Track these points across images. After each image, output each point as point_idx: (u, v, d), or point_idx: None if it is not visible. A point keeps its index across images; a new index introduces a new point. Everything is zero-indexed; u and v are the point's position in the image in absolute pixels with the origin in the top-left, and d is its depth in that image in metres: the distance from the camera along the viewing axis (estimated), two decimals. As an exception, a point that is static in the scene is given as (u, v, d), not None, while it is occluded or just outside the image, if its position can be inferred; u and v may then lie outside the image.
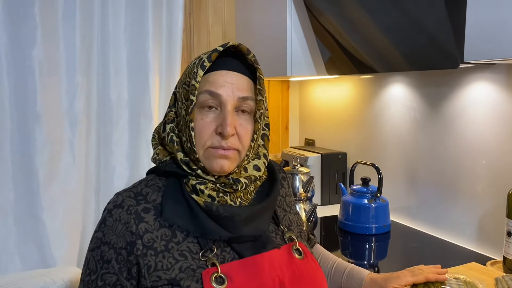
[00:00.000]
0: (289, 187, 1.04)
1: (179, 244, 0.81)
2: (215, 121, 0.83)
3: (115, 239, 0.81)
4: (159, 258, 0.80)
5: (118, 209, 0.82)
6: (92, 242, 0.84)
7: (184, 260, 0.80)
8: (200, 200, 0.82)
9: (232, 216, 0.81)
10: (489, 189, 1.40)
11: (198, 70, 0.82)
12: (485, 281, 1.04)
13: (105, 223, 0.83)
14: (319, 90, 2.24)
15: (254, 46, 1.99)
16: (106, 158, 1.75)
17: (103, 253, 0.81)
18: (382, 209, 1.58)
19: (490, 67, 1.36)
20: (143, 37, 1.75)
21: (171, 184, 0.86)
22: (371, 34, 1.41)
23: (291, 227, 0.95)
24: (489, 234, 1.40)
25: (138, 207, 0.83)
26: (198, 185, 0.83)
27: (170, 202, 0.83)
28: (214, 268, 0.79)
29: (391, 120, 1.78)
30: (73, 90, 1.62)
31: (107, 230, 0.82)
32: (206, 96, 0.83)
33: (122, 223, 0.81)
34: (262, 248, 0.83)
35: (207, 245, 0.81)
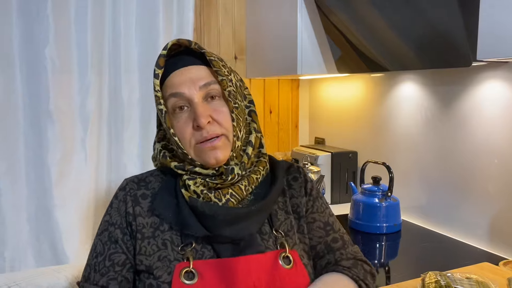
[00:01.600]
0: (302, 188, 0.96)
1: (164, 232, 0.84)
2: (190, 118, 0.85)
3: (120, 219, 0.86)
4: (144, 243, 0.84)
5: (122, 192, 0.89)
6: (100, 227, 0.89)
7: (164, 249, 0.83)
8: (187, 195, 0.85)
9: (215, 216, 0.81)
10: (501, 188, 1.39)
11: (154, 81, 0.85)
12: (497, 281, 1.04)
13: (112, 205, 0.89)
14: (329, 88, 2.23)
15: (264, 44, 1.99)
16: (117, 156, 1.77)
17: (110, 234, 0.86)
18: (393, 208, 1.57)
19: (503, 65, 1.35)
20: (154, 36, 1.76)
21: (171, 177, 0.90)
22: (383, 32, 1.41)
23: (289, 233, 0.89)
24: (501, 233, 1.39)
25: (138, 191, 0.88)
26: (187, 181, 0.85)
27: (163, 193, 0.87)
28: (187, 263, 0.80)
29: (402, 118, 1.76)
30: (85, 89, 1.63)
31: (113, 212, 0.88)
32: (173, 99, 0.85)
33: (123, 203, 0.87)
34: (241, 251, 0.82)
35: (188, 239, 0.83)
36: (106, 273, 0.84)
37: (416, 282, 1.11)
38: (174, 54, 0.88)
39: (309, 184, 0.97)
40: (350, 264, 0.90)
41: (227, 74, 0.88)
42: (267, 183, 0.91)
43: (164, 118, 0.85)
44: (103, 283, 0.84)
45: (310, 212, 0.95)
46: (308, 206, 0.95)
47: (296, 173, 0.98)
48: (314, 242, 0.93)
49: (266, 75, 2.02)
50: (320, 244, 0.93)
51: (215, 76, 0.87)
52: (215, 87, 0.86)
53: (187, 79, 0.85)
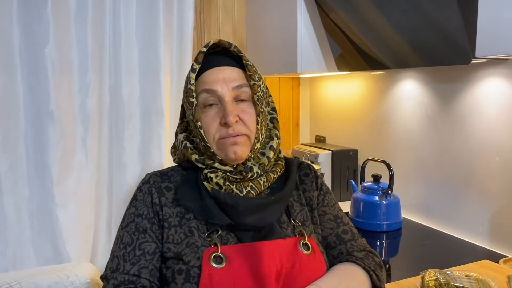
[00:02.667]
0: (313, 183, 1.02)
1: (190, 221, 0.89)
2: (218, 115, 0.91)
3: (147, 210, 0.91)
4: (171, 232, 0.88)
5: (146, 185, 0.94)
6: (124, 220, 0.93)
7: (191, 236, 0.87)
8: (209, 187, 0.90)
9: (237, 206, 0.87)
10: (502, 185, 1.39)
11: (190, 74, 0.91)
12: (497, 279, 1.04)
13: (136, 198, 0.94)
14: (330, 87, 2.23)
15: (264, 43, 1.99)
16: (118, 155, 1.77)
17: (137, 225, 0.90)
18: (393, 206, 1.57)
19: (503, 62, 1.35)
20: (154, 35, 1.76)
21: (191, 172, 0.96)
22: (383, 30, 1.40)
23: (306, 222, 0.96)
24: (502, 231, 1.39)
25: (162, 184, 0.94)
26: (209, 174, 0.91)
27: (186, 185, 0.93)
28: (215, 248, 0.85)
29: (403, 116, 1.76)
30: (86, 88, 1.63)
31: (139, 204, 0.92)
32: (205, 95, 0.91)
33: (149, 195, 0.92)
34: (263, 238, 0.88)
35: (214, 227, 0.88)
36: (137, 262, 0.87)
37: (416, 280, 1.11)
38: (212, 52, 0.94)
39: (319, 180, 1.05)
40: (362, 255, 0.95)
41: (257, 79, 0.94)
42: (282, 178, 0.98)
43: (194, 110, 0.91)
44: (135, 271, 0.86)
45: (321, 205, 1.02)
46: (319, 200, 1.02)
47: (307, 170, 1.05)
48: (326, 233, 0.99)
49: (267, 73, 2.02)
50: (331, 235, 0.99)
51: (248, 79, 0.94)
52: (246, 90, 0.93)
53: (221, 78, 0.91)
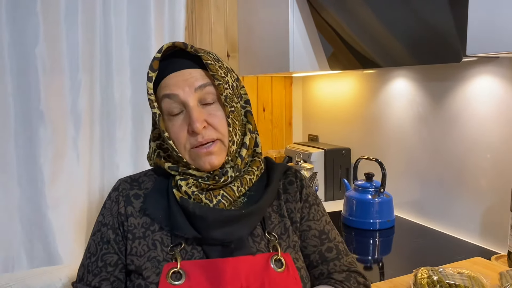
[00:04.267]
0: (297, 193, 0.94)
1: (154, 233, 0.85)
2: (185, 122, 0.84)
3: (112, 219, 0.87)
4: (135, 244, 0.84)
5: (115, 192, 0.90)
6: (94, 228, 0.90)
7: (153, 250, 0.83)
8: (178, 195, 0.84)
9: (205, 217, 0.80)
10: (493, 183, 1.40)
11: (147, 83, 0.84)
12: (489, 276, 1.04)
13: (105, 206, 0.90)
14: (322, 85, 2.24)
15: (257, 42, 1.99)
16: (110, 156, 1.76)
17: (103, 234, 0.87)
18: (386, 204, 1.58)
19: (494, 60, 1.36)
20: (145, 35, 1.75)
21: (164, 178, 0.90)
22: (374, 29, 1.41)
23: (283, 236, 0.88)
24: (493, 228, 1.40)
25: (130, 191, 0.89)
26: (180, 181, 0.85)
27: (155, 193, 0.88)
28: (175, 263, 0.80)
29: (395, 115, 1.77)
30: (76, 88, 1.62)
31: (106, 212, 0.89)
32: (167, 101, 0.84)
33: (116, 203, 0.88)
34: (230, 253, 0.81)
35: (178, 240, 0.83)
36: (99, 273, 0.85)
37: (409, 277, 1.11)
38: (168, 55, 0.86)
39: (305, 190, 0.95)
40: (342, 278, 0.89)
41: (223, 76, 0.86)
42: (262, 185, 0.90)
43: (158, 121, 0.85)
44: (96, 283, 0.85)
45: (306, 219, 0.93)
46: (304, 213, 0.93)
47: (292, 177, 0.96)
48: (309, 251, 0.92)
49: (259, 72, 2.02)
50: (314, 253, 0.92)
51: (212, 79, 0.85)
52: (210, 89, 0.85)
53: (182, 81, 0.83)
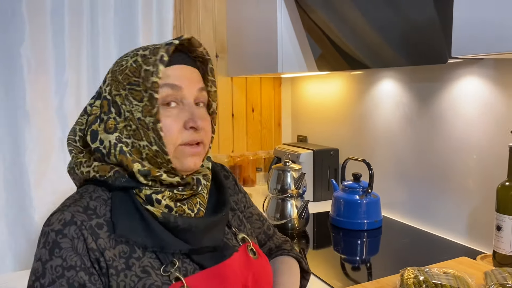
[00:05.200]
0: (235, 185, 0.99)
1: (140, 259, 0.75)
2: (181, 116, 0.79)
3: (80, 259, 0.72)
4: (121, 278, 0.73)
5: (71, 227, 0.72)
6: (45, 276, 0.71)
7: (147, 277, 0.74)
8: (157, 211, 0.76)
9: (190, 228, 0.77)
10: (479, 183, 1.41)
11: (159, 65, 0.76)
12: (474, 275, 1.05)
13: (59, 246, 0.71)
14: (311, 86, 2.24)
15: (245, 43, 1.98)
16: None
17: (70, 279, 0.71)
18: (373, 204, 1.58)
19: (478, 62, 1.37)
20: (133, 34, 1.74)
21: (119, 196, 0.78)
22: (362, 30, 1.41)
23: (241, 227, 0.93)
24: (479, 228, 1.41)
25: (91, 222, 0.74)
26: (154, 195, 0.76)
27: (121, 216, 0.76)
28: (180, 283, 0.74)
29: (382, 115, 1.78)
30: (63, 88, 1.61)
31: (66, 253, 0.71)
32: (168, 91, 0.78)
33: (81, 240, 0.72)
34: (222, 257, 0.80)
35: (167, 259, 0.76)
36: None
37: (396, 277, 1.12)
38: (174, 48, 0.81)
39: (237, 181, 1.03)
40: (288, 247, 1.03)
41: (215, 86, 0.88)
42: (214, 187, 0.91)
43: (157, 109, 0.76)
44: None
45: (247, 207, 1.01)
46: (244, 202, 1.00)
47: (225, 172, 1.00)
48: (256, 233, 1.01)
49: (248, 73, 2.02)
50: (260, 234, 1.03)
51: (208, 85, 0.85)
52: (205, 94, 0.84)
53: (187, 76, 0.81)
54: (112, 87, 0.80)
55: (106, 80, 0.82)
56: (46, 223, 0.74)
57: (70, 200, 0.77)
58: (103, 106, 0.80)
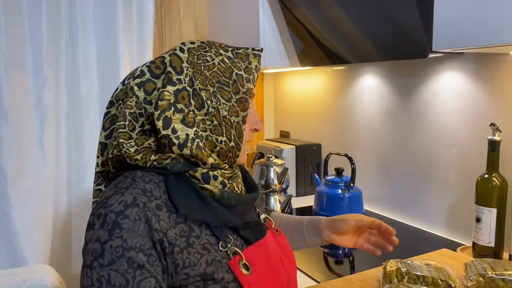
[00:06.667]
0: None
1: (199, 238, 0.79)
2: (249, 118, 0.87)
3: (141, 240, 0.74)
4: (185, 255, 0.77)
5: (134, 208, 0.75)
6: (104, 256, 0.73)
7: (208, 253, 0.78)
8: (215, 188, 0.81)
9: (240, 203, 0.85)
10: (459, 176, 1.43)
11: (255, 74, 0.85)
12: (455, 266, 1.07)
13: (121, 227, 0.74)
14: (293, 82, 2.24)
15: (227, 38, 1.97)
16: (78, 153, 1.72)
17: (130, 260, 0.73)
18: (355, 198, 1.59)
19: (459, 56, 1.39)
20: (112, 29, 1.72)
21: (171, 179, 0.81)
22: (344, 25, 1.42)
23: (260, 208, 1.00)
24: (459, 220, 1.43)
25: (151, 204, 0.76)
26: (211, 172, 0.82)
27: (179, 197, 0.79)
28: (238, 256, 0.80)
29: (364, 110, 1.79)
30: (41, 85, 1.57)
31: (128, 234, 0.74)
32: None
33: (144, 221, 0.74)
34: (262, 233, 0.88)
35: (223, 235, 0.81)
36: None
37: (379, 270, 1.13)
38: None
39: None
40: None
41: None
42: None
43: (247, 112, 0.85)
44: None
45: None
46: None
47: None
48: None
49: (229, 68, 2.00)
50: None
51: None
52: None
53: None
54: (195, 80, 0.82)
55: (182, 70, 0.82)
56: (102, 206, 0.76)
57: (123, 183, 0.78)
58: (183, 97, 0.81)
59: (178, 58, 0.83)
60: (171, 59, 0.83)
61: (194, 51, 0.84)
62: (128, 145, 0.81)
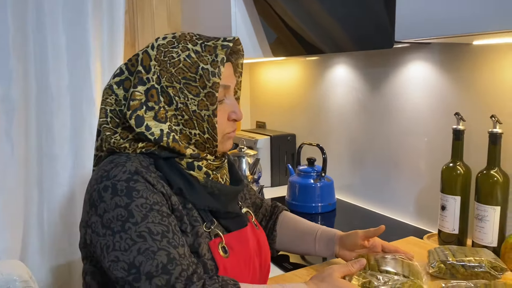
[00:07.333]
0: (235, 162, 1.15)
1: (192, 210, 0.85)
2: (226, 110, 0.90)
3: (159, 197, 0.80)
4: (184, 220, 0.83)
5: (138, 175, 0.80)
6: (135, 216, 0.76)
7: (199, 226, 0.84)
8: (199, 176, 0.86)
9: (222, 193, 0.89)
10: (427, 165, 1.45)
11: (220, 67, 0.84)
12: (420, 253, 1.09)
13: (136, 189, 0.78)
14: (269, 72, 2.24)
15: (199, 27, 1.95)
16: (48, 146, 1.69)
17: (159, 211, 0.79)
18: (327, 188, 1.61)
19: (426, 47, 1.40)
20: (82, 19, 1.68)
21: (162, 162, 0.85)
22: (316, 15, 1.42)
23: (243, 202, 1.04)
24: (427, 209, 1.46)
25: (151, 174, 0.82)
26: (196, 162, 0.86)
27: (171, 175, 0.85)
28: (219, 239, 0.86)
29: (336, 101, 1.80)
30: (8, 77, 1.53)
31: (146, 193, 0.79)
32: (221, 91, 0.88)
33: (149, 183, 0.80)
34: (243, 223, 0.93)
35: (208, 218, 0.87)
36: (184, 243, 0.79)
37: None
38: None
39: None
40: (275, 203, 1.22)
41: None
42: None
43: (216, 106, 0.85)
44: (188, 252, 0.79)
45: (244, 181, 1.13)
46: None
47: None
48: (254, 198, 1.16)
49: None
50: (256, 198, 1.18)
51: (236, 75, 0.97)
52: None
53: (232, 74, 0.92)
54: (162, 77, 0.85)
55: (150, 68, 0.85)
56: (105, 179, 0.79)
57: (119, 159, 0.83)
58: (152, 95, 0.85)
59: (148, 56, 0.86)
60: (142, 57, 0.86)
61: (162, 48, 0.86)
62: (114, 138, 0.87)
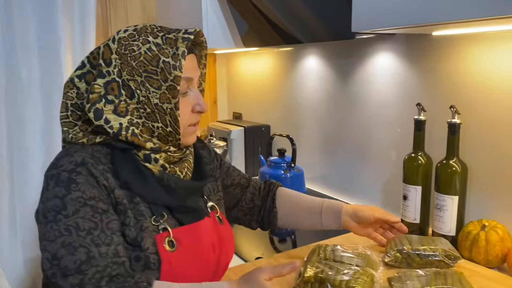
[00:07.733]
0: (210, 152, 1.10)
1: (139, 204, 0.85)
2: (189, 102, 0.89)
3: (97, 192, 0.80)
4: (128, 214, 0.83)
5: (83, 167, 0.81)
6: (67, 208, 0.77)
7: (144, 220, 0.84)
8: (155, 169, 0.86)
9: (179, 187, 0.88)
10: (393, 155, 1.47)
11: (181, 61, 0.83)
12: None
13: (76, 181, 0.79)
14: (245, 63, 2.24)
15: (172, 19, 1.94)
16: (19, 139, 1.68)
17: (93, 207, 0.79)
18: (297, 178, 1.62)
19: (391, 37, 1.41)
20: (52, 9, 1.66)
21: (118, 153, 0.86)
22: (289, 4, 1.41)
23: (210, 196, 1.03)
24: (392, 199, 1.47)
25: (98, 166, 0.82)
26: (153, 155, 0.86)
27: (123, 168, 0.85)
28: (166, 233, 0.85)
29: (307, 91, 1.81)
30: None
31: (84, 187, 0.79)
32: (184, 84, 0.87)
33: (94, 177, 0.81)
34: (198, 217, 0.92)
35: (158, 211, 0.86)
36: (111, 241, 0.78)
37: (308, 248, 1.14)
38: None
39: (212, 150, 1.13)
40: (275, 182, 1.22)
41: None
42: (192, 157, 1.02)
43: (178, 100, 0.85)
44: (113, 251, 0.78)
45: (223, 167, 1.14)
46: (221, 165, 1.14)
47: (200, 143, 1.09)
48: (238, 179, 1.16)
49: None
50: (242, 178, 1.17)
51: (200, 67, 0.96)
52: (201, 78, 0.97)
53: (195, 67, 0.91)
54: (123, 70, 0.84)
55: (111, 61, 0.84)
56: (53, 167, 0.81)
57: (73, 148, 0.84)
58: (112, 88, 0.84)
59: (109, 49, 0.86)
60: (103, 50, 0.86)
61: (123, 41, 0.85)
62: (73, 132, 0.87)
